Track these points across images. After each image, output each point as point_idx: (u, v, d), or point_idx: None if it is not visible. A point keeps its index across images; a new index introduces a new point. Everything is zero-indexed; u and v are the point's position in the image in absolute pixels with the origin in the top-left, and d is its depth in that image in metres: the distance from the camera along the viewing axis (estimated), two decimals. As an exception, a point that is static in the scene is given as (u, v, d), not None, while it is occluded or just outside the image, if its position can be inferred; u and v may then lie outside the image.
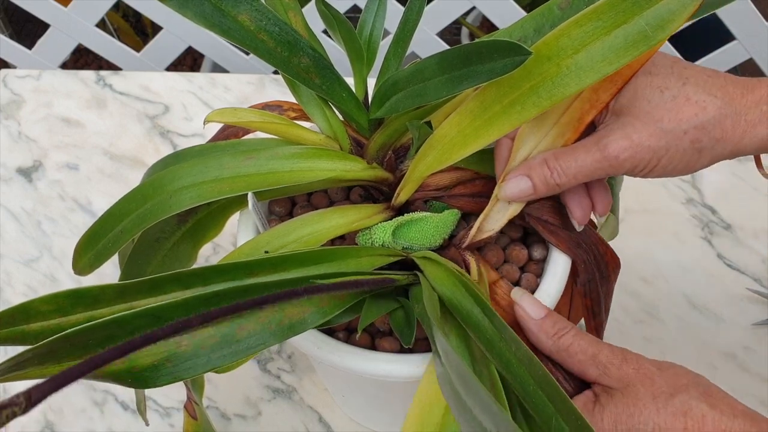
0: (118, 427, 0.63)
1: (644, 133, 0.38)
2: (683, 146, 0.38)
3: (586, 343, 0.39)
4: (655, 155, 0.39)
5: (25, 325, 0.35)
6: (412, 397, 0.38)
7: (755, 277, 0.70)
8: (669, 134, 0.38)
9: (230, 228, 0.51)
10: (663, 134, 0.38)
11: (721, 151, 0.39)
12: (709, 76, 0.39)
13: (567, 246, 0.46)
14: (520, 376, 0.35)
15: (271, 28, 0.44)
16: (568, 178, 0.41)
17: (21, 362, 0.31)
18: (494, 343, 0.37)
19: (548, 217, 0.46)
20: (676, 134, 0.38)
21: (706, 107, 0.38)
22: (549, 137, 0.42)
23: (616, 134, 0.39)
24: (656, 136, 0.38)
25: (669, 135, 0.38)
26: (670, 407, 0.35)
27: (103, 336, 0.32)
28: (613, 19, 0.37)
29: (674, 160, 0.39)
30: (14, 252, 0.75)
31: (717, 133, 0.38)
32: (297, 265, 0.40)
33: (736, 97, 0.38)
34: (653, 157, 0.39)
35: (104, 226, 0.44)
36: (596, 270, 0.46)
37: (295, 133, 0.49)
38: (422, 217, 0.46)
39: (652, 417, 0.35)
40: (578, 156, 0.40)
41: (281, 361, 0.66)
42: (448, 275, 0.42)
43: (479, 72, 0.38)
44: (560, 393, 0.33)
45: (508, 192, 0.43)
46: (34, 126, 0.86)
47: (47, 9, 1.09)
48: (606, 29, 0.37)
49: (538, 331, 0.41)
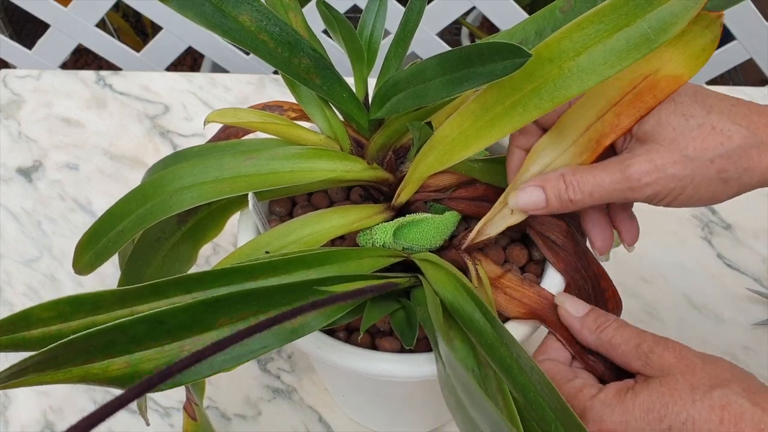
0: (118, 427, 0.63)
1: (669, 160, 0.38)
2: (709, 175, 0.37)
3: (629, 334, 0.39)
4: (680, 183, 0.38)
5: (26, 332, 0.35)
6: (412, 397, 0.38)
7: (755, 277, 0.71)
8: (694, 162, 0.37)
9: (230, 228, 0.51)
10: (688, 162, 0.37)
11: (748, 181, 0.38)
12: (732, 105, 0.38)
13: (564, 267, 0.45)
14: (521, 382, 0.35)
15: (271, 28, 0.44)
16: (583, 195, 0.39)
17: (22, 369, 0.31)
18: (495, 349, 0.37)
19: (552, 234, 0.46)
20: (701, 163, 0.37)
21: (731, 136, 0.37)
22: (566, 155, 0.42)
23: (639, 158, 0.38)
24: (681, 164, 0.37)
25: (694, 163, 0.37)
26: (707, 400, 0.35)
27: (105, 341, 0.33)
28: (615, 22, 0.37)
29: (700, 190, 0.38)
30: (14, 252, 0.75)
31: (743, 162, 0.37)
32: (298, 267, 0.40)
33: (761, 126, 0.38)
34: (678, 186, 0.38)
35: (104, 226, 0.44)
36: (592, 302, 0.45)
37: (296, 133, 0.49)
38: (423, 218, 0.46)
39: (686, 408, 0.35)
40: (597, 173, 0.39)
41: (281, 361, 0.66)
42: (449, 278, 0.42)
43: (480, 73, 0.38)
44: (560, 400, 0.33)
45: (521, 202, 0.41)
46: (34, 126, 0.86)
47: (47, 9, 1.09)
48: (608, 32, 0.37)
49: (581, 327, 0.41)
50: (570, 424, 0.32)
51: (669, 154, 0.38)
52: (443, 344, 0.34)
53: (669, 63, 0.39)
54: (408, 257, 0.45)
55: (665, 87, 0.38)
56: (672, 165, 0.38)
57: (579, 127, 0.41)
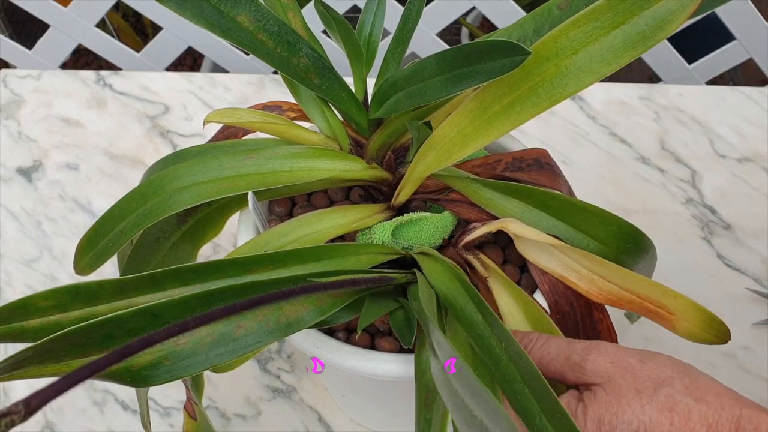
0: (118, 427, 0.63)
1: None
2: None
3: (557, 348, 0.38)
4: None
5: (24, 322, 0.35)
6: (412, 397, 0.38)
7: (755, 277, 0.70)
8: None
9: (230, 228, 0.51)
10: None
11: None
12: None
13: (548, 290, 0.44)
14: (508, 372, 0.35)
15: (270, 28, 0.44)
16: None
17: (20, 361, 0.31)
18: (485, 339, 0.37)
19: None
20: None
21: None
22: None
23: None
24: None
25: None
26: (655, 403, 0.34)
27: (102, 335, 0.33)
28: (612, 20, 0.37)
29: None
30: (14, 252, 0.75)
31: None
32: (295, 262, 0.40)
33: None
34: None
35: (104, 226, 0.45)
36: (580, 331, 0.44)
37: (295, 133, 0.49)
38: (422, 217, 0.46)
39: (636, 414, 0.34)
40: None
41: (281, 361, 0.66)
42: (444, 270, 0.42)
43: (478, 72, 0.38)
44: (548, 392, 0.33)
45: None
46: (34, 126, 0.86)
47: (47, 9, 1.09)
48: (605, 30, 0.37)
49: None
50: (555, 415, 0.32)
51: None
52: (437, 332, 0.34)
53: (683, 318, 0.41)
54: (406, 255, 0.45)
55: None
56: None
57: None
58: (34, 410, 0.21)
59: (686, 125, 0.82)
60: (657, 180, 0.78)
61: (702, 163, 0.79)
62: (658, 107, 0.84)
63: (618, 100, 0.85)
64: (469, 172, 0.48)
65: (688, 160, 0.80)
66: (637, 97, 0.85)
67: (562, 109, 0.83)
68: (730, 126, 0.82)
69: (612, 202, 0.76)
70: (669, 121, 0.83)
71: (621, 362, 0.36)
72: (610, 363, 0.36)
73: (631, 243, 0.44)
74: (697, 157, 0.80)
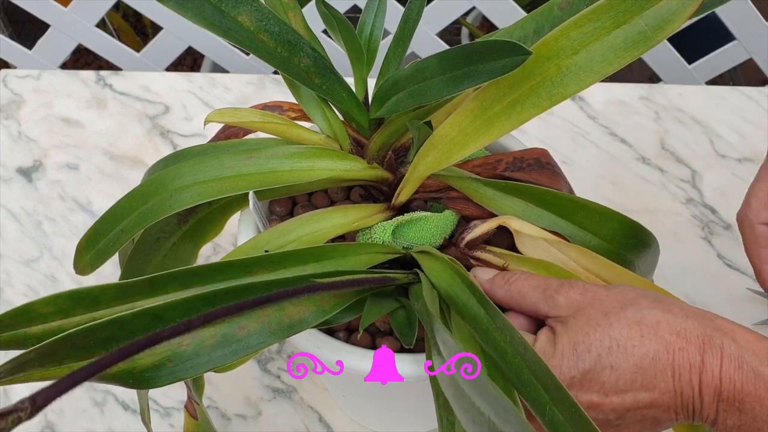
0: (118, 427, 0.63)
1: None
2: None
3: (536, 282, 0.40)
4: None
5: (26, 328, 0.35)
6: (412, 397, 0.38)
7: (755, 278, 0.70)
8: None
9: (230, 228, 0.51)
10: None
11: None
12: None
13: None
14: (515, 365, 0.35)
15: (271, 28, 0.44)
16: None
17: (22, 363, 0.31)
18: (489, 333, 0.37)
19: None
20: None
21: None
22: None
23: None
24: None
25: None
26: (623, 319, 0.36)
27: (104, 336, 0.33)
28: (613, 20, 0.37)
29: None
30: (14, 252, 0.75)
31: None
32: (296, 262, 0.40)
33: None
34: None
35: (105, 226, 0.45)
36: None
37: (296, 133, 0.49)
38: (422, 216, 0.46)
39: (607, 332, 0.36)
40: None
41: (281, 361, 0.66)
42: (444, 267, 0.42)
43: (479, 72, 0.38)
44: (555, 381, 0.33)
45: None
46: (34, 126, 0.86)
47: (47, 9, 1.09)
48: (605, 30, 0.37)
49: (491, 287, 0.42)
50: (565, 404, 0.32)
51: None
52: (442, 330, 0.34)
53: None
54: (406, 254, 0.45)
55: None
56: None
57: None
58: (40, 407, 0.21)
59: (686, 125, 0.83)
60: (657, 180, 0.78)
61: (702, 163, 0.79)
62: (658, 107, 0.84)
63: (618, 100, 0.85)
64: (469, 171, 0.48)
65: (688, 160, 0.80)
66: (637, 97, 0.85)
67: (563, 109, 0.84)
68: (730, 126, 0.82)
69: (612, 202, 0.76)
70: (669, 121, 0.83)
71: (588, 292, 0.38)
72: (580, 294, 0.38)
73: (632, 238, 0.44)
74: (697, 157, 0.80)
